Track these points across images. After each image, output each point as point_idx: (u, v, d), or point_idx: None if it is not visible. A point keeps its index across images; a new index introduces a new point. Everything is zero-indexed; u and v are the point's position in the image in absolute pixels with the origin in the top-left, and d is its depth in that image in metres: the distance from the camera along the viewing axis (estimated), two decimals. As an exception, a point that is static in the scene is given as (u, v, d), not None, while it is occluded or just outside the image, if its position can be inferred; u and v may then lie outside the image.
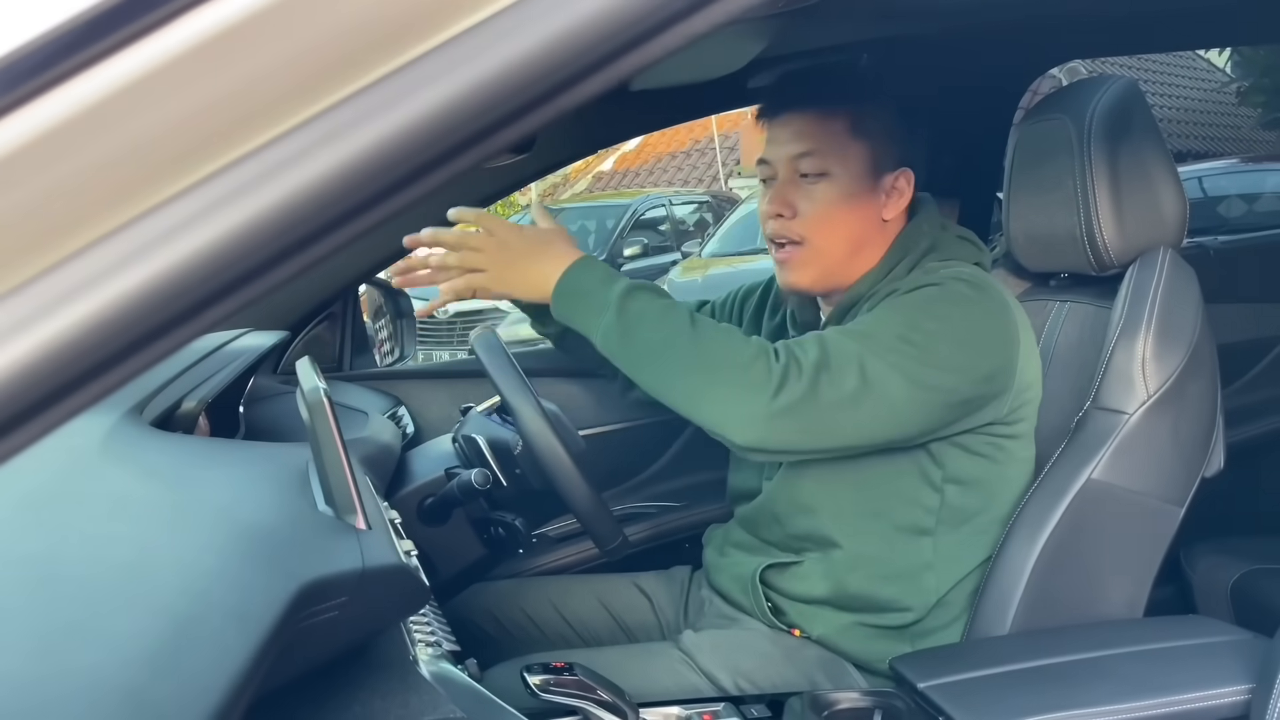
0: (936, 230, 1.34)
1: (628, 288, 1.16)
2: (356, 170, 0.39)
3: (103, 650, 0.63)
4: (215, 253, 0.38)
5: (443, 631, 1.07)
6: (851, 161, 1.29)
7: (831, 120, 1.28)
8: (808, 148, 1.28)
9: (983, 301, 1.23)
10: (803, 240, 1.30)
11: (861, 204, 1.30)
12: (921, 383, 1.15)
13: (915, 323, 1.18)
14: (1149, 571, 1.30)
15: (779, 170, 1.31)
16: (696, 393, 1.12)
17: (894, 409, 1.15)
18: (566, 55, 0.40)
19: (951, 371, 1.18)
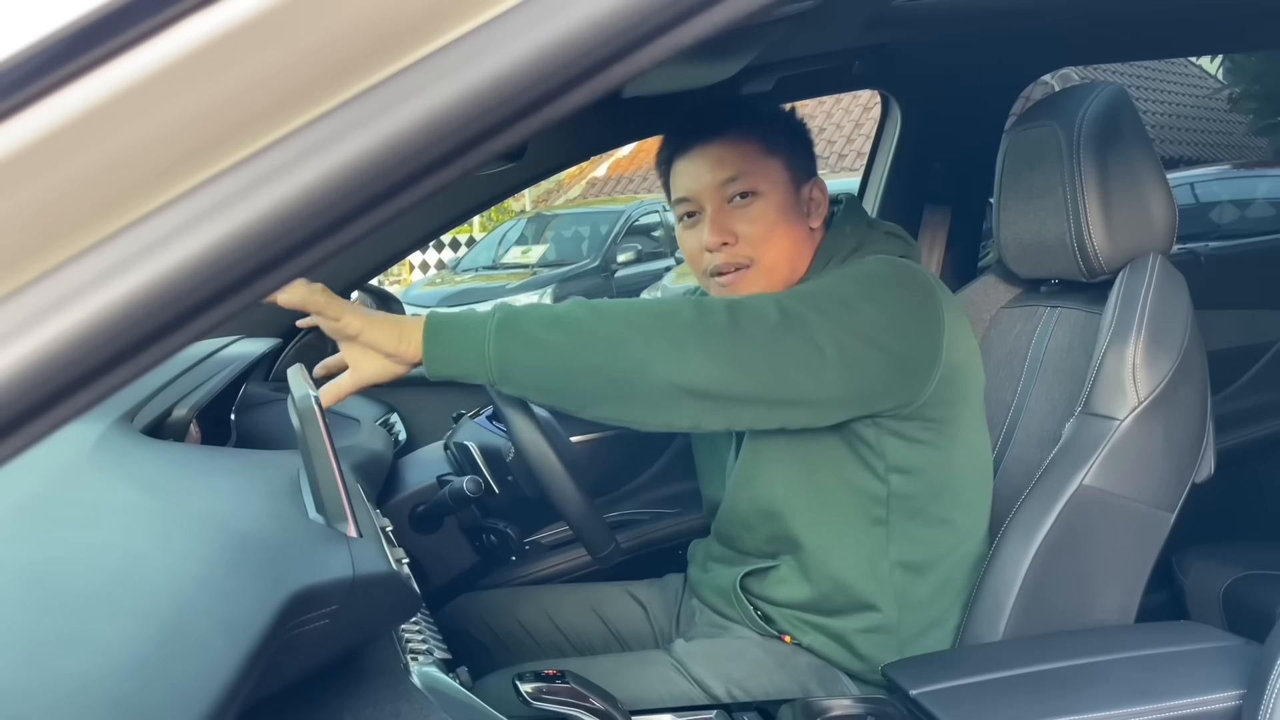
0: (862, 229, 1.35)
1: (495, 305, 1.13)
2: (349, 178, 0.39)
3: (91, 658, 0.62)
4: (210, 259, 0.38)
5: (434, 640, 1.07)
6: (775, 176, 1.31)
7: (745, 142, 1.31)
8: (732, 172, 1.30)
9: (901, 278, 1.24)
10: (751, 262, 1.31)
11: (792, 216, 1.32)
12: (841, 325, 1.14)
13: (830, 286, 1.19)
14: (1140, 577, 1.30)
15: (705, 202, 1.32)
16: (624, 343, 1.08)
17: (815, 348, 1.12)
18: (558, 64, 0.41)
19: (874, 327, 1.17)
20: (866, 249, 1.32)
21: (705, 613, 1.44)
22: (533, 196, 16.62)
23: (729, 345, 1.09)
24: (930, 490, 1.29)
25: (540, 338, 1.08)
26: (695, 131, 1.33)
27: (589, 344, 1.08)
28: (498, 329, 1.08)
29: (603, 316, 1.09)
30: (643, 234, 10.11)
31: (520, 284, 9.14)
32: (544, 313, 1.10)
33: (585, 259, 9.62)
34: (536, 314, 1.10)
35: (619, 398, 1.09)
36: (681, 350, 1.07)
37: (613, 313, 1.10)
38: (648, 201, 11.04)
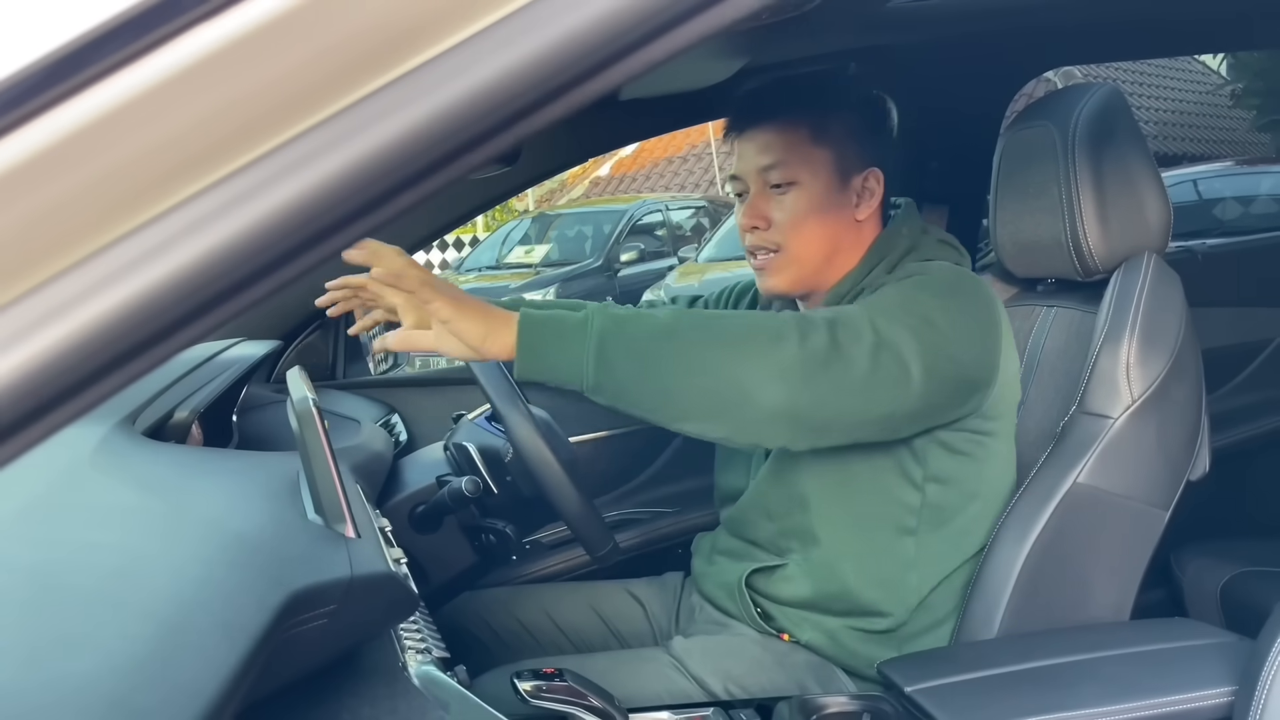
0: (917, 233, 1.36)
1: (592, 308, 1.09)
2: (340, 185, 0.40)
3: (90, 659, 0.64)
4: (205, 266, 0.39)
5: (433, 638, 1.08)
6: (818, 167, 1.32)
7: (793, 130, 1.32)
8: (773, 159, 1.32)
9: (970, 290, 1.26)
10: (779, 247, 1.34)
11: (833, 207, 1.33)
12: (927, 344, 1.15)
13: (912, 299, 1.20)
14: (1135, 575, 1.31)
15: (750, 184, 1.36)
16: (729, 363, 1.07)
17: (904, 369, 1.13)
18: (551, 70, 0.41)
19: (952, 343, 1.19)
20: (920, 252, 1.34)
21: (705, 609, 1.45)
22: (536, 196, 16.63)
23: (829, 372, 1.10)
24: (961, 501, 1.30)
25: (644, 352, 1.06)
26: (750, 113, 1.36)
27: (693, 364, 1.07)
28: (599, 341, 1.05)
29: (707, 333, 1.08)
30: (646, 233, 10.12)
31: (523, 284, 9.14)
32: (648, 325, 1.07)
33: (588, 258, 9.63)
34: (640, 326, 1.07)
35: (716, 418, 1.09)
36: (786, 378, 1.07)
37: (717, 330, 1.09)
38: (650, 201, 11.04)
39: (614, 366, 1.06)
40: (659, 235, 10.28)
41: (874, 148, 1.36)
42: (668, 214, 10.63)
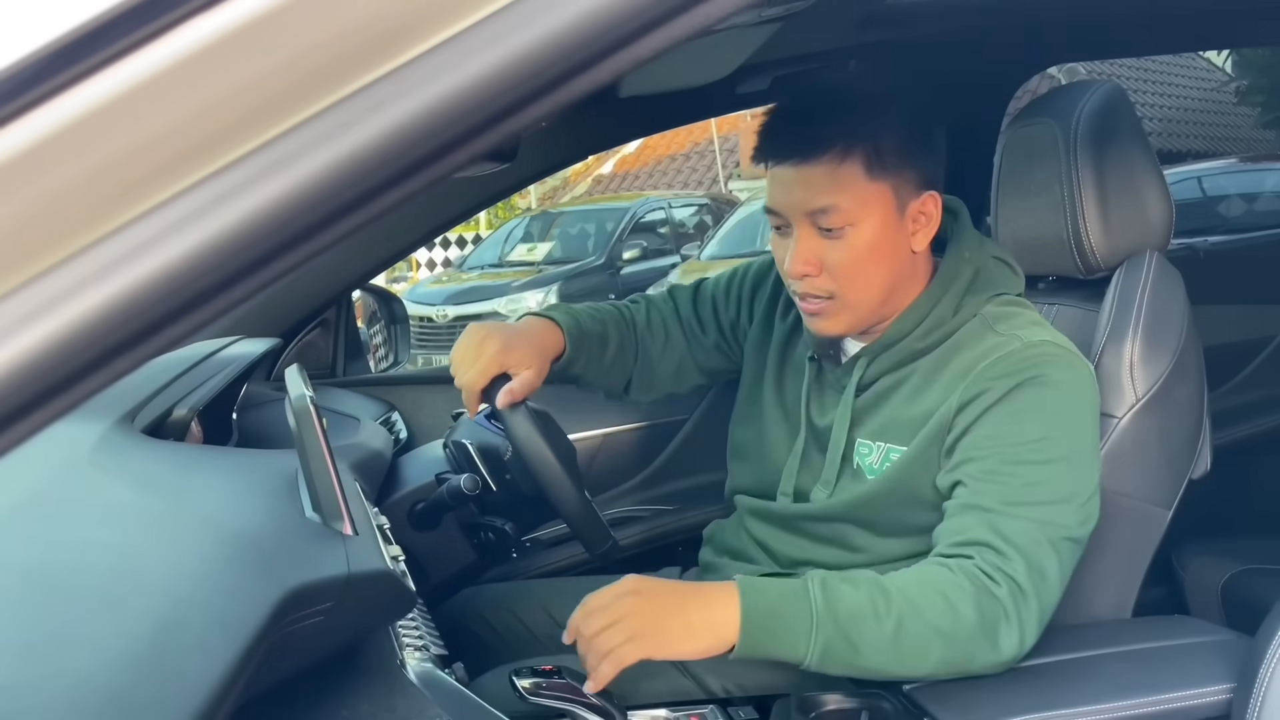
0: (977, 252, 1.27)
1: (822, 589, 1.07)
2: (333, 179, 0.40)
3: (86, 655, 0.64)
4: (199, 257, 0.39)
5: (431, 636, 1.08)
6: (874, 206, 1.17)
7: (845, 165, 1.16)
8: (826, 202, 1.16)
9: (1081, 380, 1.19)
10: (833, 295, 1.21)
11: (890, 245, 1.20)
12: (1084, 496, 1.15)
13: (1049, 443, 1.14)
14: (1137, 573, 1.31)
15: (793, 221, 1.20)
16: (950, 661, 1.09)
17: (1082, 538, 1.16)
18: (541, 65, 0.41)
19: (1087, 462, 1.17)
20: (981, 280, 1.25)
21: (704, 607, 1.45)
22: (538, 194, 16.64)
23: (1039, 613, 1.10)
24: None
25: (868, 653, 1.07)
26: (791, 140, 1.19)
27: (915, 663, 1.08)
28: (823, 651, 1.07)
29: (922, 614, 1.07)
30: (648, 231, 10.13)
31: (525, 281, 9.16)
32: (871, 635, 1.07)
33: (591, 256, 9.64)
34: (864, 634, 1.06)
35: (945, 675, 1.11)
36: (1009, 651, 1.09)
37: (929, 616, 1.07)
38: (653, 198, 11.05)
39: (835, 663, 1.08)
40: (662, 233, 10.28)
41: (929, 163, 1.22)
42: (670, 211, 10.63)
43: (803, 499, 1.33)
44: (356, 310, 2.10)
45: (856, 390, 1.28)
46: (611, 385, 1.49)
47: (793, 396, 1.38)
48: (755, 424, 1.42)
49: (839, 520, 1.27)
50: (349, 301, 1.89)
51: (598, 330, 1.42)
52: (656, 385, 1.51)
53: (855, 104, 1.20)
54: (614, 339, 1.44)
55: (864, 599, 1.07)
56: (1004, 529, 1.10)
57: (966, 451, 1.16)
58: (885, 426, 1.25)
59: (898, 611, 1.06)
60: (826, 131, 1.16)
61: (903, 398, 1.24)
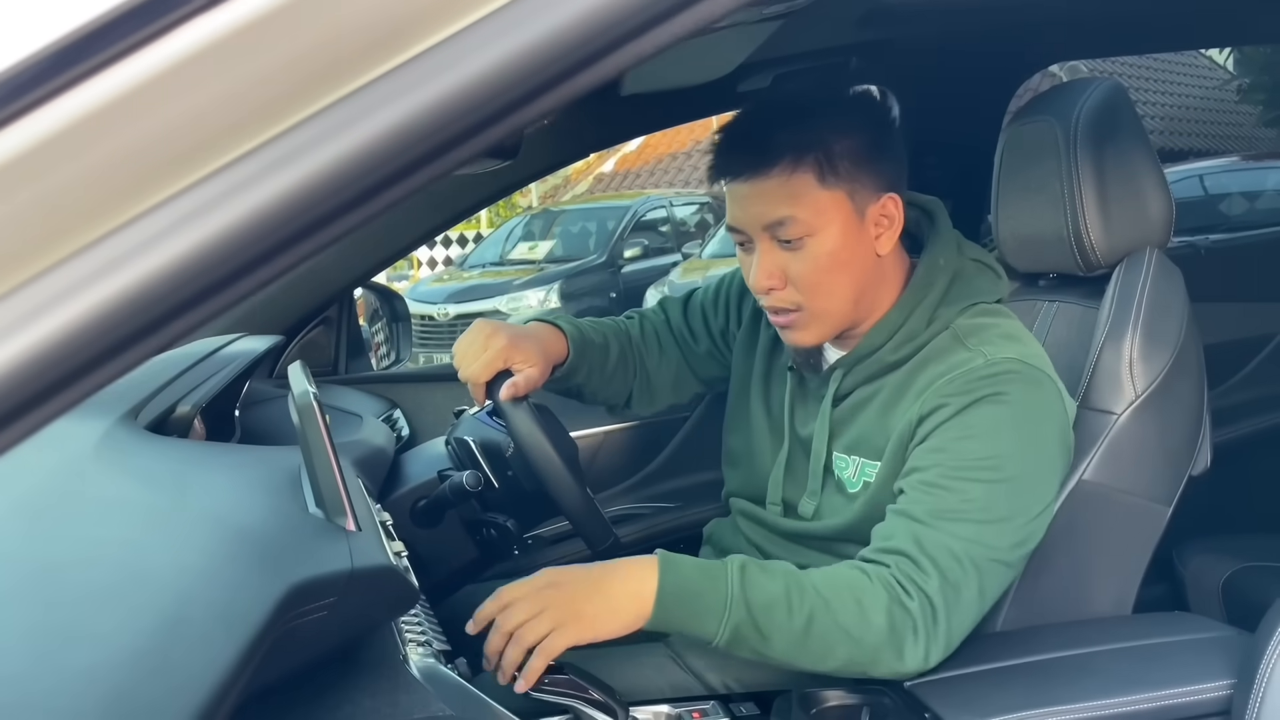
0: (953, 257, 1.26)
1: (740, 575, 1.08)
2: (336, 176, 0.40)
3: (91, 650, 0.64)
4: (203, 255, 0.39)
5: (434, 631, 1.09)
6: (831, 213, 1.16)
7: (797, 176, 1.15)
8: (781, 214, 1.16)
9: (1044, 399, 1.18)
10: (800, 306, 1.21)
11: (853, 252, 1.19)
12: (1025, 519, 1.15)
13: (996, 462, 1.13)
14: (1137, 570, 1.31)
15: (753, 237, 1.20)
16: (855, 662, 1.10)
17: (1014, 561, 1.16)
18: (540, 63, 0.41)
19: (1043, 483, 1.17)
20: (958, 289, 1.24)
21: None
22: (539, 192, 16.63)
23: (954, 624, 1.11)
24: None
25: (774, 641, 1.09)
26: (742, 155, 1.18)
27: (819, 650, 1.09)
28: (733, 632, 1.08)
29: (833, 612, 1.08)
30: (650, 229, 10.12)
31: (526, 280, 9.16)
32: (782, 627, 1.08)
33: (592, 255, 9.63)
34: (775, 626, 1.08)
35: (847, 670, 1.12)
36: (916, 656, 1.09)
37: (839, 615, 1.08)
38: (654, 197, 11.04)
39: (743, 647, 1.09)
40: (663, 231, 10.28)
41: (887, 167, 1.20)
42: (672, 210, 10.62)
43: (791, 509, 1.34)
44: (358, 308, 2.11)
45: (834, 401, 1.28)
46: (612, 397, 1.49)
47: (776, 405, 1.39)
48: (744, 431, 1.43)
49: (830, 539, 1.28)
50: (351, 299, 1.89)
51: (599, 341, 1.43)
52: (657, 397, 1.52)
53: (802, 114, 1.19)
54: (614, 349, 1.45)
55: (779, 591, 1.08)
56: (926, 542, 1.10)
57: (914, 461, 1.16)
58: (858, 440, 1.25)
59: (809, 608, 1.07)
60: (775, 143, 1.16)
61: (874, 412, 1.24)
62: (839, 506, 1.27)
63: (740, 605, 1.07)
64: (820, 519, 1.29)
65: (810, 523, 1.30)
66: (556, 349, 1.37)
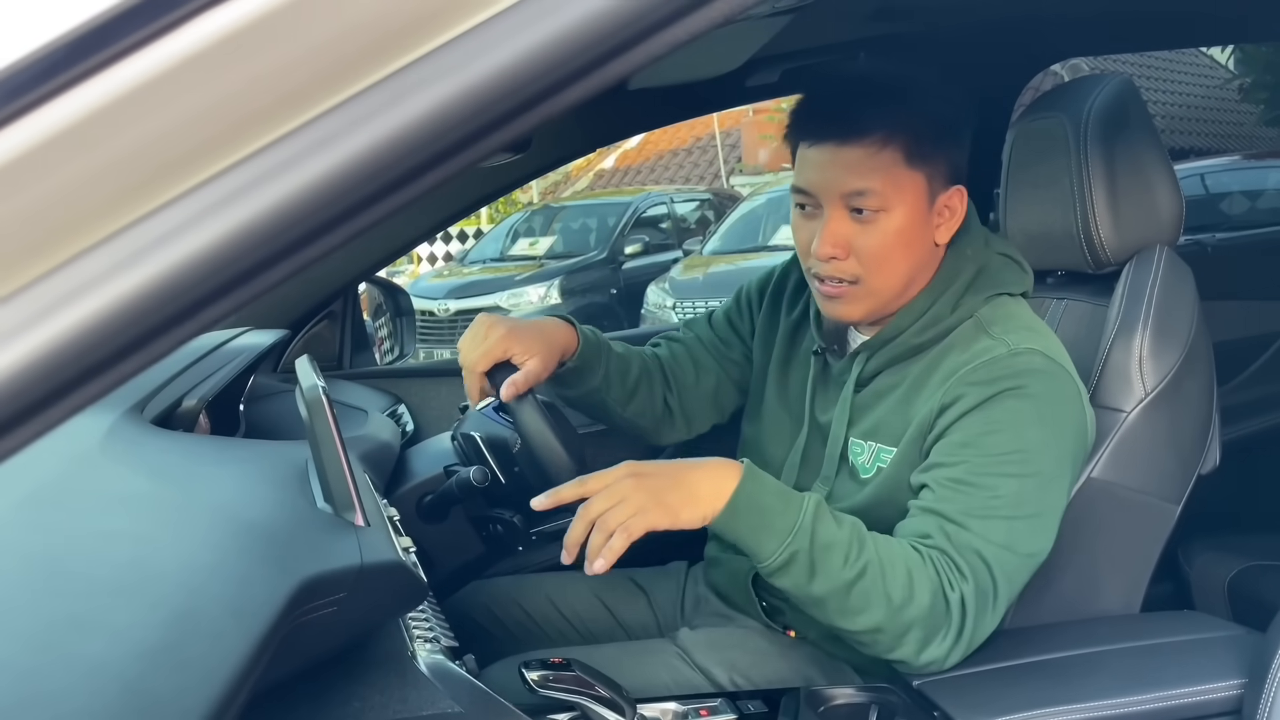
0: (981, 250, 1.27)
1: (814, 511, 1.08)
2: (351, 173, 0.40)
3: (103, 643, 0.64)
4: (212, 254, 0.39)
5: (441, 628, 1.08)
6: (908, 193, 1.18)
7: (885, 151, 1.16)
8: (863, 185, 1.16)
9: (1064, 393, 1.17)
10: (858, 280, 1.21)
11: (918, 235, 1.20)
12: (1050, 515, 1.15)
13: (1024, 456, 1.13)
14: (1145, 569, 1.31)
15: (825, 203, 1.20)
16: (881, 630, 1.09)
17: (1040, 556, 1.16)
18: (557, 60, 0.41)
19: (1064, 471, 1.17)
20: (984, 279, 1.25)
21: (710, 601, 1.45)
22: (540, 189, 16.61)
23: (983, 623, 1.11)
24: None
25: (818, 574, 1.08)
26: (833, 121, 1.18)
27: (851, 601, 1.09)
28: (786, 561, 1.08)
29: (885, 577, 1.08)
30: (650, 226, 10.11)
31: (527, 276, 9.15)
32: (837, 550, 1.08)
33: (592, 251, 9.62)
34: (840, 540, 1.08)
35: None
36: (945, 652, 1.10)
37: (890, 582, 1.08)
38: (655, 193, 11.03)
39: (790, 578, 1.09)
40: (664, 228, 10.27)
41: (959, 159, 1.23)
42: (672, 206, 10.61)
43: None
44: (362, 303, 2.10)
45: (856, 386, 1.28)
46: (642, 414, 1.48)
47: (795, 391, 1.38)
48: (759, 418, 1.43)
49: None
50: (355, 294, 1.88)
51: (619, 350, 1.43)
52: (696, 417, 1.51)
53: (899, 91, 1.20)
54: (636, 365, 1.44)
55: (844, 537, 1.09)
56: (960, 544, 1.10)
57: (940, 456, 1.16)
58: (877, 427, 1.25)
59: (865, 562, 1.08)
60: (870, 115, 1.17)
61: (896, 400, 1.24)
62: (850, 491, 1.27)
63: (805, 536, 1.07)
64: (831, 503, 1.28)
65: None
66: (562, 340, 1.35)
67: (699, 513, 1.07)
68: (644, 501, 1.05)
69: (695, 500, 1.07)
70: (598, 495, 1.07)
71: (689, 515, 1.07)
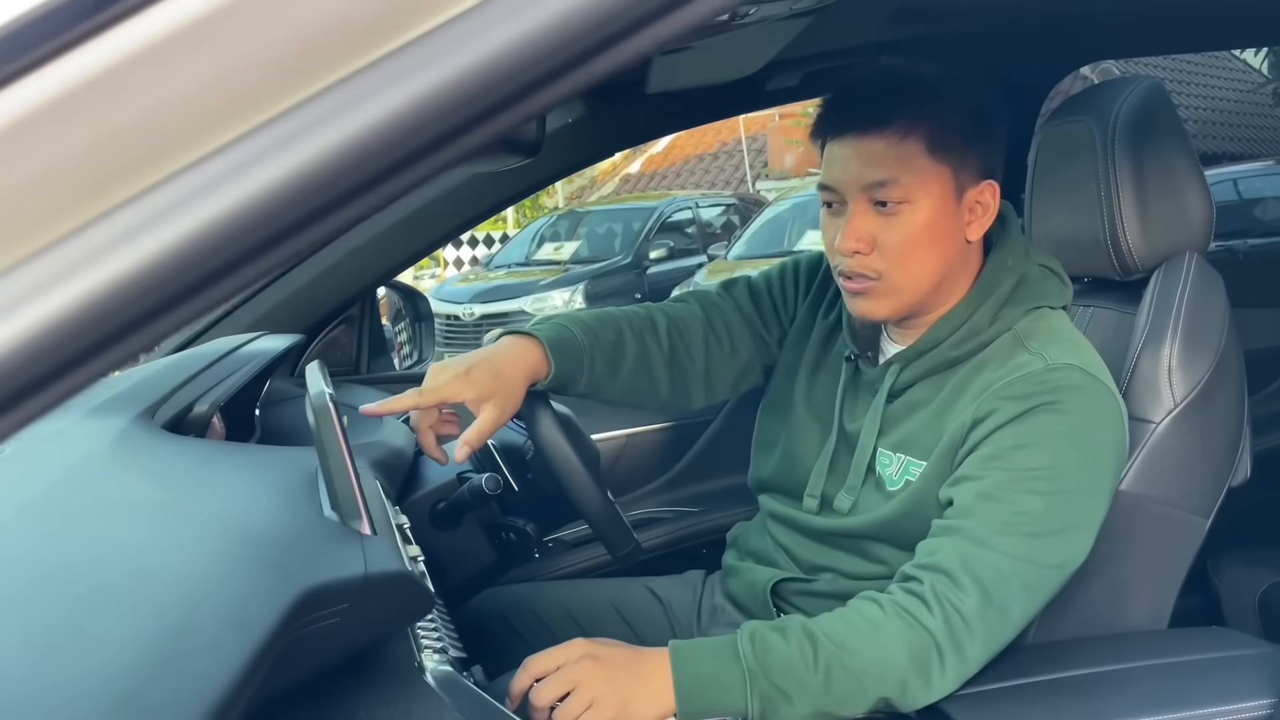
0: (1021, 259, 1.24)
1: (751, 644, 1.06)
2: (330, 165, 0.38)
3: (99, 654, 0.63)
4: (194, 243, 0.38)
5: (450, 638, 1.07)
6: (933, 185, 1.16)
7: (907, 141, 1.15)
8: (884, 175, 1.15)
9: (1102, 410, 1.14)
10: (881, 276, 1.18)
11: (945, 230, 1.18)
12: (1078, 532, 1.12)
13: (1053, 472, 1.10)
14: (1174, 583, 1.28)
15: (848, 198, 1.18)
16: (885, 698, 1.06)
17: (1065, 571, 1.13)
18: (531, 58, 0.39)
19: (1102, 490, 1.14)
20: (1024, 291, 1.22)
21: (726, 611, 1.43)
22: (566, 193, 16.67)
23: (989, 644, 1.08)
24: None
25: (794, 697, 1.05)
26: (854, 114, 1.18)
27: (837, 698, 1.06)
28: (761, 707, 1.05)
29: (859, 654, 1.05)
30: (675, 230, 10.12)
31: (552, 280, 9.17)
32: (796, 665, 1.05)
33: (617, 256, 9.63)
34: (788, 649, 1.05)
35: None
36: (941, 685, 1.06)
37: (865, 655, 1.05)
38: (680, 198, 11.04)
39: (775, 715, 1.06)
40: (689, 232, 10.27)
41: (991, 153, 1.21)
42: (698, 211, 10.62)
43: (827, 503, 1.31)
44: (381, 307, 2.10)
45: (888, 397, 1.26)
46: (644, 396, 1.41)
47: (823, 396, 1.36)
48: (783, 417, 1.39)
49: (862, 537, 1.26)
50: (373, 298, 1.88)
51: (609, 338, 1.35)
52: (719, 387, 1.45)
53: (922, 83, 1.18)
54: (630, 356, 1.37)
55: (793, 649, 1.05)
56: (973, 561, 1.07)
57: (968, 469, 1.13)
58: (907, 439, 1.23)
59: (826, 658, 1.05)
60: (891, 106, 1.16)
61: (928, 413, 1.22)
62: (876, 503, 1.25)
63: (760, 676, 1.05)
64: (855, 514, 1.26)
65: (844, 518, 1.27)
66: (525, 370, 1.27)
67: (654, 711, 1.05)
68: (599, 692, 1.03)
69: (651, 696, 1.04)
70: (550, 680, 1.04)
71: (649, 713, 1.04)
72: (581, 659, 1.05)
